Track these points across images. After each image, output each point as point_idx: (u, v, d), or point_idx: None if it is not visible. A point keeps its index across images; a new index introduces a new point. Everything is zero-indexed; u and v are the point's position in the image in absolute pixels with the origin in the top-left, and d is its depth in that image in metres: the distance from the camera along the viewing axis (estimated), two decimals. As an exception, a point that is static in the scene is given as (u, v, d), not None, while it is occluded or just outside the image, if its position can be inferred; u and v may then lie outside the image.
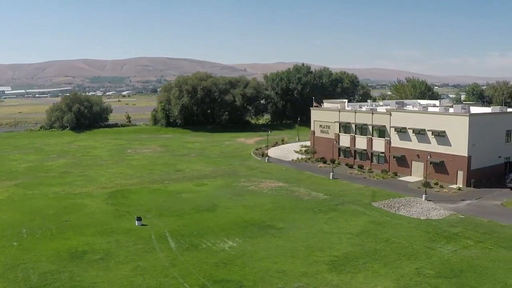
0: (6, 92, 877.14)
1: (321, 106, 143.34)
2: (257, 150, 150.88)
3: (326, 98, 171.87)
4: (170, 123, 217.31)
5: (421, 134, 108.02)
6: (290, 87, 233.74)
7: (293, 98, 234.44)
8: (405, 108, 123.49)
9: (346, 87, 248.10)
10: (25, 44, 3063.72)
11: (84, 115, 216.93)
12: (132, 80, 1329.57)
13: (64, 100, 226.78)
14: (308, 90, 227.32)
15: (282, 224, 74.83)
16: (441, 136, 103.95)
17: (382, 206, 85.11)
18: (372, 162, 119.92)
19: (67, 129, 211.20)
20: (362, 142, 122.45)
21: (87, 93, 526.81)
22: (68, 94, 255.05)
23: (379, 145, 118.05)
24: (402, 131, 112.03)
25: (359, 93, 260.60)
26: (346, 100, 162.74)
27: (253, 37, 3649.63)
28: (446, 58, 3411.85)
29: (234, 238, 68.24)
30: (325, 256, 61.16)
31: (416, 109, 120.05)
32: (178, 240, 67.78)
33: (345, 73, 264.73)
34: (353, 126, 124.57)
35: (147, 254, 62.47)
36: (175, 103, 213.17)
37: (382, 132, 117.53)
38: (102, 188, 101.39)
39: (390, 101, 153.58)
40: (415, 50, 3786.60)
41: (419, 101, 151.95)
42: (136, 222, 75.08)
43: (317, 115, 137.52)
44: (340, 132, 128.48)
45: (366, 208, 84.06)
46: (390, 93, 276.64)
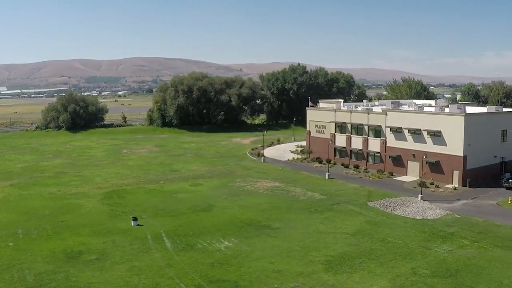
0: (1, 92, 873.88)
1: (316, 106, 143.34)
2: (253, 150, 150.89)
3: (322, 98, 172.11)
4: (165, 123, 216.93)
5: (416, 134, 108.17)
6: (285, 87, 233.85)
7: (288, 98, 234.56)
8: (400, 108, 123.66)
9: (342, 87, 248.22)
10: (20, 44, 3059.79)
11: (79, 115, 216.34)
12: (127, 80, 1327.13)
13: (59, 100, 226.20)
14: (303, 90, 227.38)
15: (278, 224, 74.88)
16: (436, 136, 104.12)
17: (378, 206, 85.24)
18: (368, 162, 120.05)
19: (63, 129, 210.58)
20: (357, 142, 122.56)
21: (83, 93, 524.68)
22: (63, 94, 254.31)
23: (375, 145, 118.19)
24: (397, 131, 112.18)
25: (355, 93, 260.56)
26: (342, 100, 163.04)
27: (249, 37, 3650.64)
28: (442, 58, 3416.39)
29: (230, 238, 68.27)
30: (321, 256, 61.23)
31: (411, 109, 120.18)
32: (174, 240, 67.77)
33: (340, 73, 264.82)
34: (348, 126, 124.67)
35: (143, 254, 62.45)
36: (171, 103, 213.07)
37: (377, 132, 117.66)
38: (98, 188, 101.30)
39: (386, 101, 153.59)
40: (411, 50, 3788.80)
41: (415, 101, 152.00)
42: (132, 222, 75.04)
43: (312, 115, 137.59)
44: (335, 132, 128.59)
45: (362, 208, 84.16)
46: (385, 93, 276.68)
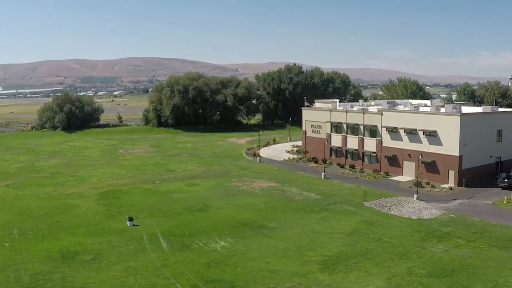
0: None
1: (312, 106, 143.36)
2: (248, 150, 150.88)
3: (318, 98, 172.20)
4: (161, 123, 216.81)
5: (412, 134, 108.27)
6: (281, 87, 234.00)
7: (284, 98, 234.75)
8: (396, 108, 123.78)
9: (338, 87, 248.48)
10: (16, 44, 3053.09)
11: (75, 115, 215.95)
12: (123, 80, 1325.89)
13: (55, 100, 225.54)
14: (299, 90, 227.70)
15: (273, 224, 74.88)
16: (432, 136, 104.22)
17: (374, 205, 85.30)
18: (363, 162, 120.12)
19: (59, 129, 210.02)
20: (353, 142, 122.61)
21: (79, 93, 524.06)
22: (59, 94, 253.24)
23: (371, 145, 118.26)
24: (393, 131, 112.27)
25: (351, 93, 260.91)
26: (338, 100, 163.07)
27: (244, 37, 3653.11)
28: (437, 58, 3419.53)
29: (226, 238, 68.26)
30: (317, 255, 61.25)
31: (407, 109, 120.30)
32: (169, 240, 67.72)
33: (336, 73, 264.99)
34: (344, 126, 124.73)
35: (139, 254, 62.40)
36: (167, 103, 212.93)
37: (373, 132, 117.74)
38: (93, 188, 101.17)
39: (382, 101, 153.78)
40: (407, 50, 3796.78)
41: (411, 101, 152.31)
42: (127, 222, 74.95)
43: (308, 115, 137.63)
44: (331, 132, 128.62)
45: (357, 207, 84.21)
46: (381, 93, 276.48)
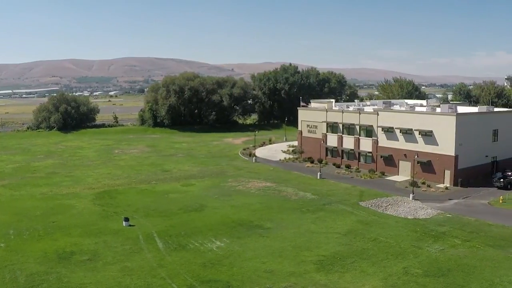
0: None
1: (308, 106, 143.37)
2: (244, 150, 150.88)
3: (314, 98, 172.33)
4: (157, 123, 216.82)
5: (408, 133, 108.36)
6: (277, 87, 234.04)
7: (280, 98, 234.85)
8: (392, 108, 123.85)
9: (334, 87, 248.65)
10: (12, 44, 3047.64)
11: (71, 116, 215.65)
12: (119, 80, 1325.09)
13: (51, 100, 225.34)
14: (295, 90, 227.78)
15: (269, 224, 74.88)
16: (428, 135, 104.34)
17: (370, 205, 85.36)
18: (359, 161, 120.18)
19: (54, 129, 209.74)
20: (349, 142, 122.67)
21: (74, 93, 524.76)
22: (55, 95, 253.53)
23: (366, 144, 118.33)
24: (389, 131, 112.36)
25: (347, 93, 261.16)
26: (334, 100, 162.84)
27: (240, 37, 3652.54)
28: (433, 58, 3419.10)
29: (221, 238, 68.24)
30: (313, 255, 61.27)
31: (403, 109, 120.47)
32: (165, 240, 67.69)
33: (332, 73, 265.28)
34: (340, 126, 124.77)
35: (135, 254, 62.34)
36: (162, 103, 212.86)
37: (369, 132, 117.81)
38: (89, 188, 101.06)
39: (377, 101, 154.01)
40: (403, 50, 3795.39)
41: (406, 101, 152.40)
42: (123, 222, 74.89)
43: (304, 115, 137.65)
44: (327, 132, 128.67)
45: (353, 207, 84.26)
46: (377, 93, 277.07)
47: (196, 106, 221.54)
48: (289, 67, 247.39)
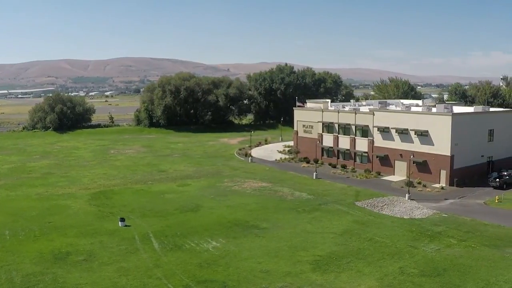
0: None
1: (304, 106, 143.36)
2: (240, 150, 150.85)
3: (309, 98, 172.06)
4: (153, 124, 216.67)
5: (404, 133, 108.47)
6: (273, 87, 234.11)
7: (276, 98, 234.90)
8: (388, 108, 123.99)
9: (329, 87, 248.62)
10: (7, 44, 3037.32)
11: (67, 116, 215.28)
12: (115, 80, 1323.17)
13: (46, 100, 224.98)
14: (291, 90, 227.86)
15: (265, 224, 74.88)
16: (424, 135, 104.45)
17: (366, 205, 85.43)
18: (355, 161, 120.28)
19: (50, 129, 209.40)
20: (345, 142, 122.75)
21: (70, 93, 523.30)
22: (50, 95, 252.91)
23: (362, 144, 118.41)
24: (385, 131, 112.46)
25: (342, 93, 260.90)
26: (329, 100, 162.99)
27: (236, 37, 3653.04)
28: (429, 58, 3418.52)
29: (217, 239, 68.22)
30: (309, 255, 61.29)
31: (399, 109, 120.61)
32: (161, 240, 67.63)
33: (328, 73, 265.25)
34: (336, 126, 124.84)
35: (131, 255, 62.29)
36: (158, 104, 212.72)
37: (365, 132, 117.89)
38: (85, 189, 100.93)
39: (373, 101, 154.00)
40: (398, 50, 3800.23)
41: (402, 101, 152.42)
42: (119, 223, 74.83)
43: (300, 115, 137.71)
44: (323, 132, 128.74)
45: (349, 207, 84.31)
46: (373, 93, 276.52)
47: (192, 106, 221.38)
48: (285, 67, 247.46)
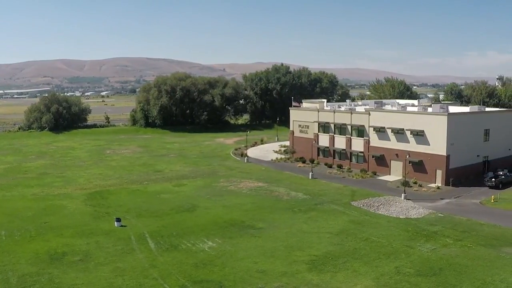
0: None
1: (300, 106, 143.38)
2: (236, 150, 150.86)
3: (305, 98, 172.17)
4: (149, 124, 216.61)
5: (399, 133, 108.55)
6: (269, 87, 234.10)
7: (272, 98, 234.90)
8: (383, 108, 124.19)
9: (325, 87, 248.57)
10: (3, 44, 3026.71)
11: (62, 116, 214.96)
12: (111, 80, 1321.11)
13: (42, 100, 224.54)
14: (287, 90, 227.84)
15: (261, 224, 74.87)
16: (419, 135, 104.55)
17: (362, 205, 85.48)
18: (351, 161, 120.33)
19: (46, 130, 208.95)
20: (341, 142, 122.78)
21: (66, 93, 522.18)
22: (46, 95, 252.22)
23: (358, 144, 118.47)
24: (381, 131, 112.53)
25: (338, 93, 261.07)
26: (325, 100, 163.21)
27: (232, 37, 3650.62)
28: (424, 58, 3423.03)
29: (213, 239, 68.17)
30: (305, 255, 61.29)
31: (394, 108, 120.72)
32: (157, 241, 67.58)
33: (324, 73, 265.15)
34: (332, 126, 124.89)
35: (127, 255, 62.22)
36: (154, 104, 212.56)
37: (361, 131, 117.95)
38: (81, 189, 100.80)
39: (369, 101, 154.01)
40: (394, 50, 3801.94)
41: (398, 100, 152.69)
42: (115, 223, 74.74)
43: (296, 115, 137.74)
44: (319, 132, 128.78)
45: (345, 207, 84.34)
46: (369, 93, 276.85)
47: (187, 106, 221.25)
48: (280, 67, 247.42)
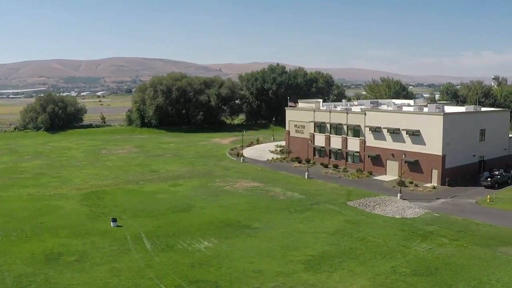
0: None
1: (296, 106, 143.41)
2: (232, 150, 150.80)
3: (301, 98, 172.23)
4: (145, 124, 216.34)
5: (395, 133, 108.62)
6: (265, 87, 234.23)
7: (268, 98, 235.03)
8: (379, 107, 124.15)
9: (321, 87, 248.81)
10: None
11: (58, 116, 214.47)
12: (106, 80, 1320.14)
13: (38, 100, 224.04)
14: (283, 90, 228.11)
15: (257, 224, 74.88)
16: (415, 135, 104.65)
17: (358, 205, 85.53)
18: (347, 161, 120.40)
19: (42, 130, 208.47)
20: (337, 142, 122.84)
21: (62, 93, 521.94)
22: (42, 95, 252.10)
23: (354, 144, 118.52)
24: (376, 131, 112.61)
25: (334, 93, 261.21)
26: (321, 100, 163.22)
27: (228, 37, 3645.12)
28: (420, 58, 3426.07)
29: (209, 239, 68.15)
30: (301, 255, 61.31)
31: (390, 108, 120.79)
32: (153, 241, 67.53)
33: (320, 73, 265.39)
34: (328, 125, 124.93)
35: (123, 255, 62.16)
36: (150, 104, 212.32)
37: (357, 131, 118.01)
38: (77, 189, 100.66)
39: (365, 100, 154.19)
40: (390, 50, 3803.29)
41: (394, 100, 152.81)
42: (111, 223, 74.66)
43: (292, 115, 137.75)
44: (315, 132, 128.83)
45: (341, 207, 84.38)
46: (364, 93, 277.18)
47: (183, 106, 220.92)
48: (276, 67, 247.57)
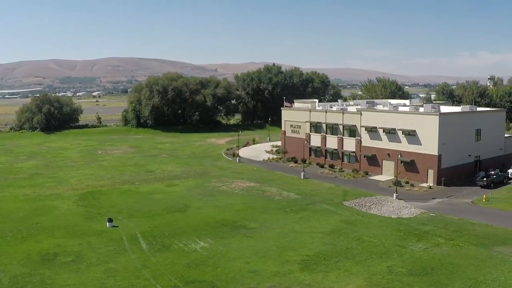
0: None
1: (292, 106, 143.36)
2: (228, 150, 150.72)
3: (297, 98, 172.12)
4: (140, 124, 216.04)
5: (391, 133, 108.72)
6: (261, 87, 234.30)
7: (264, 98, 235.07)
8: (375, 107, 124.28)
9: (317, 87, 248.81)
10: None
11: (54, 116, 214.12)
12: (102, 80, 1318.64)
13: (34, 101, 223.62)
14: (279, 90, 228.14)
15: (253, 224, 74.90)
16: (411, 135, 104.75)
17: (353, 205, 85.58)
18: (343, 161, 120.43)
19: (37, 130, 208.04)
20: (333, 142, 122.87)
21: (57, 93, 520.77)
22: (38, 95, 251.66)
23: (350, 144, 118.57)
24: (372, 131, 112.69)
25: (330, 93, 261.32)
26: (317, 100, 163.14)
27: (224, 37, 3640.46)
28: (416, 58, 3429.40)
29: (205, 239, 68.14)
30: (297, 255, 61.33)
31: (386, 108, 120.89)
32: (149, 241, 67.49)
33: (315, 73, 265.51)
34: (323, 126, 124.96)
35: (119, 255, 62.12)
36: (146, 104, 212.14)
37: (352, 131, 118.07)
38: (72, 189, 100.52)
39: (361, 100, 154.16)
40: (386, 50, 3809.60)
41: (390, 100, 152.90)
42: (107, 223, 74.58)
43: (288, 115, 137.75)
44: (311, 132, 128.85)
45: (337, 207, 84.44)
46: (360, 92, 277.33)
47: (179, 107, 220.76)
48: (272, 67, 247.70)
